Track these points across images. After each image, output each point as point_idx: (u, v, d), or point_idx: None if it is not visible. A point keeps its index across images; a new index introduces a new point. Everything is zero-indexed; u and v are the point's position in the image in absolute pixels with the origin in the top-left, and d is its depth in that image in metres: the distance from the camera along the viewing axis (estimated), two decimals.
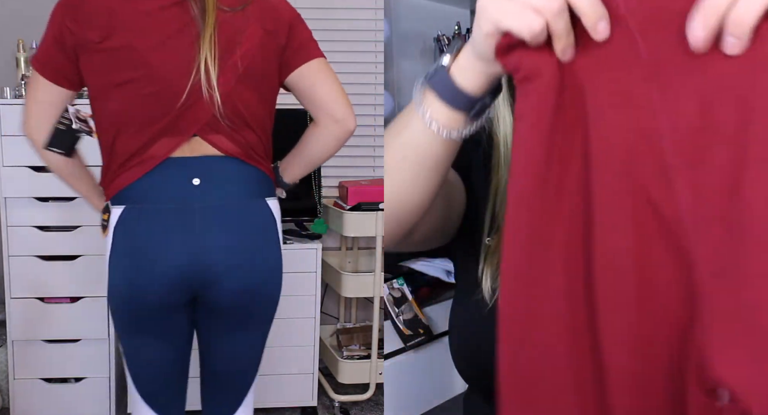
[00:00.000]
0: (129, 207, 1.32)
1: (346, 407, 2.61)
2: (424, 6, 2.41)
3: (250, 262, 1.36)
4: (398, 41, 2.34)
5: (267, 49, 1.34)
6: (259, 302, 1.41)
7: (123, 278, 1.34)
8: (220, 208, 1.32)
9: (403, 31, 2.35)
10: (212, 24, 1.28)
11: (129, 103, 1.30)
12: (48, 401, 2.36)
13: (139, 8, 1.28)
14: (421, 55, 2.43)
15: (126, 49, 1.27)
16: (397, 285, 2.13)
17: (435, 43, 2.36)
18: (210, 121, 1.31)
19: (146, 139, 1.30)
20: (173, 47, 1.28)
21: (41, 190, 2.26)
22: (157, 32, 1.28)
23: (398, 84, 2.39)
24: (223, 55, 1.29)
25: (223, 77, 1.29)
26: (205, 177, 1.32)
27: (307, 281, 2.44)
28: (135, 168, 1.31)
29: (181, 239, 1.30)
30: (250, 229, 1.36)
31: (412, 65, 2.40)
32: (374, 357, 2.50)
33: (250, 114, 1.35)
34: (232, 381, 1.50)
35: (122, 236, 1.33)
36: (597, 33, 0.60)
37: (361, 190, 2.45)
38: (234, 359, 1.47)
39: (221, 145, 1.33)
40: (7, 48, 2.55)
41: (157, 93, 1.29)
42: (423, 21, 2.39)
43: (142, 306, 1.34)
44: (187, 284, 1.33)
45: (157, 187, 1.31)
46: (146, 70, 1.27)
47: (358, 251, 2.84)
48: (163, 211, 1.31)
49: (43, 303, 2.32)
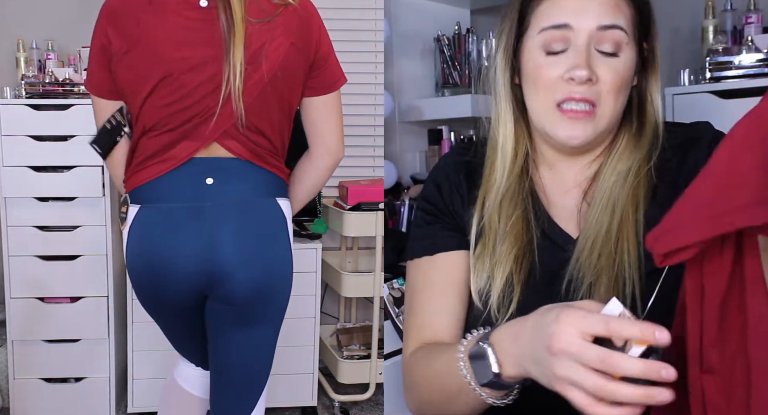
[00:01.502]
0: (144, 206, 1.37)
1: (346, 407, 2.61)
2: (424, 6, 2.41)
3: (261, 257, 1.38)
4: (398, 41, 2.34)
5: (292, 62, 1.36)
6: (269, 297, 1.42)
7: (140, 276, 1.40)
8: (231, 206, 1.36)
9: (403, 31, 2.35)
10: (241, 36, 1.29)
11: (155, 110, 1.33)
12: (48, 401, 2.36)
13: (169, 19, 1.31)
14: (421, 55, 2.43)
15: (152, 58, 1.30)
16: (397, 285, 2.13)
17: (435, 43, 2.36)
18: (229, 129, 1.35)
19: (168, 142, 1.35)
20: (199, 56, 1.30)
21: (41, 190, 2.26)
22: (184, 40, 1.31)
23: (398, 84, 2.38)
24: (249, 67, 1.31)
25: (247, 89, 1.32)
26: (217, 176, 1.36)
27: (307, 281, 2.44)
28: (154, 167, 1.36)
29: (193, 237, 1.34)
30: (261, 226, 1.38)
31: (412, 65, 2.40)
32: (374, 357, 2.50)
33: (268, 123, 1.38)
34: (243, 381, 1.50)
35: (138, 235, 1.37)
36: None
37: (361, 190, 2.45)
38: (244, 356, 1.47)
39: (234, 150, 1.36)
40: (7, 48, 2.55)
41: (182, 102, 1.32)
42: (423, 21, 2.39)
43: (161, 301, 1.42)
44: (195, 281, 1.37)
45: (172, 186, 1.35)
46: (172, 79, 1.31)
47: (358, 251, 2.84)
48: (176, 209, 1.35)
49: (43, 303, 2.32)
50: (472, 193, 1.06)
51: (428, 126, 2.42)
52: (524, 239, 0.99)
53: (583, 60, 0.92)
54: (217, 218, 1.34)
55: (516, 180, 1.02)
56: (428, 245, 1.08)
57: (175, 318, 1.49)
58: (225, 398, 1.52)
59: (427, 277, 1.07)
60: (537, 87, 0.96)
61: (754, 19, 2.00)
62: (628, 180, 0.96)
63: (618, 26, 0.93)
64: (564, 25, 0.93)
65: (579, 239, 0.97)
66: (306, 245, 2.45)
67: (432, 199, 1.10)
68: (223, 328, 1.45)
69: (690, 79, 1.97)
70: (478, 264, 1.01)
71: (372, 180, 2.64)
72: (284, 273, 1.43)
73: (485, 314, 0.99)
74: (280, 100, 1.37)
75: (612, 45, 0.93)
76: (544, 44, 0.95)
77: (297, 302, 2.42)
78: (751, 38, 1.91)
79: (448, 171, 1.11)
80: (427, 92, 2.43)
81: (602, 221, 0.95)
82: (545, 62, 0.95)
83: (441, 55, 2.34)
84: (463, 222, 1.06)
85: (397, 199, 2.30)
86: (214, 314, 1.44)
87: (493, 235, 1.01)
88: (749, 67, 1.87)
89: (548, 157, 1.04)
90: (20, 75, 2.40)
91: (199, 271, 1.35)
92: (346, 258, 2.82)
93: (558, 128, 0.95)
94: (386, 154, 2.36)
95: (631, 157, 0.98)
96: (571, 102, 0.93)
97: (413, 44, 2.40)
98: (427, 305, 1.06)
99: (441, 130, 2.37)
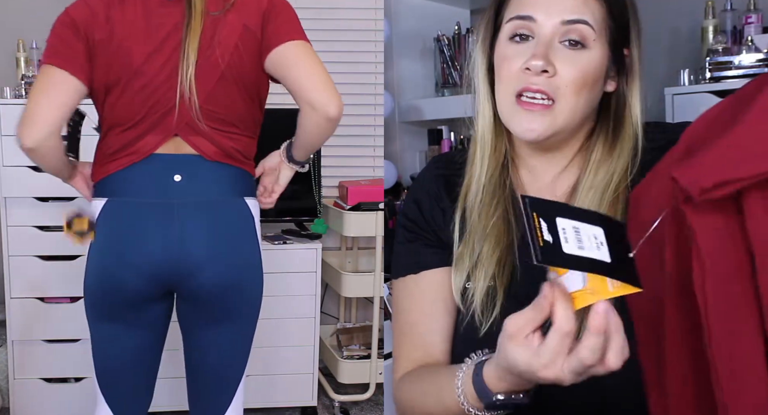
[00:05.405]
0: (111, 200, 1.37)
1: (346, 407, 2.61)
2: (424, 6, 2.41)
3: (226, 255, 1.38)
4: (398, 41, 2.34)
5: (247, 44, 1.36)
6: (236, 295, 1.42)
7: (100, 267, 1.37)
8: (198, 204, 1.37)
9: (403, 31, 2.35)
10: (198, 28, 1.31)
11: (120, 102, 1.35)
12: (48, 401, 2.36)
13: (137, 11, 1.33)
14: (421, 55, 2.43)
15: (119, 50, 1.32)
16: None
17: (435, 43, 2.36)
18: (191, 122, 1.35)
19: (133, 136, 1.36)
20: (161, 51, 1.33)
21: (41, 190, 2.26)
22: (148, 36, 1.33)
23: (398, 84, 2.39)
24: (204, 57, 1.33)
25: (202, 78, 1.33)
26: (186, 174, 1.37)
27: (307, 281, 2.44)
28: (120, 160, 1.37)
29: (158, 232, 1.34)
30: (227, 224, 1.39)
31: (412, 65, 2.40)
32: (374, 357, 2.50)
33: (231, 113, 1.38)
34: (216, 378, 1.50)
35: (102, 227, 1.37)
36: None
37: (361, 190, 2.45)
38: (214, 352, 1.47)
39: (201, 147, 1.37)
40: (7, 48, 2.55)
41: (144, 94, 1.33)
42: (423, 21, 2.39)
43: (117, 295, 1.37)
44: (162, 276, 1.37)
45: (139, 181, 1.36)
46: (135, 72, 1.32)
47: (358, 251, 2.84)
48: (143, 204, 1.35)
49: (43, 303, 2.32)
50: (454, 205, 1.05)
51: (428, 126, 2.42)
52: (505, 241, 0.99)
53: (541, 51, 0.91)
54: (184, 216, 1.35)
55: (497, 175, 1.02)
56: (411, 263, 1.07)
57: (124, 318, 1.40)
58: (199, 396, 1.53)
59: (413, 296, 1.06)
60: (500, 78, 0.97)
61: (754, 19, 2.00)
62: (605, 196, 0.95)
63: (583, 21, 0.92)
64: (528, 16, 0.93)
65: None
66: (306, 245, 2.45)
67: (412, 216, 1.09)
68: (195, 328, 1.46)
69: (690, 79, 1.97)
70: (460, 262, 1.01)
71: (372, 180, 2.64)
72: (251, 270, 1.44)
73: (468, 318, 0.99)
74: (242, 87, 1.37)
75: (577, 36, 0.92)
76: (510, 32, 0.95)
77: (297, 302, 2.43)
78: (751, 38, 1.91)
79: (428, 186, 1.10)
80: (427, 92, 2.43)
81: None
82: (510, 53, 0.95)
83: (441, 55, 2.34)
84: (445, 237, 1.05)
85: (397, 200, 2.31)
86: (185, 314, 1.46)
87: (473, 232, 1.00)
88: (749, 67, 1.87)
89: (523, 155, 1.04)
90: (20, 75, 2.40)
91: (164, 266, 1.35)
92: (346, 258, 2.82)
93: (515, 120, 0.95)
94: (386, 154, 2.36)
95: (609, 168, 0.97)
96: (528, 92, 0.92)
97: (413, 44, 2.40)
98: (416, 326, 1.05)
99: (441, 130, 2.38)
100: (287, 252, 2.43)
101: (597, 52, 0.93)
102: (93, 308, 1.43)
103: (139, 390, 1.51)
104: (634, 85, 0.99)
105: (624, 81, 0.99)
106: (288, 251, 2.44)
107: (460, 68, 2.29)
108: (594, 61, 0.93)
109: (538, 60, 0.90)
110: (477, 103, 1.05)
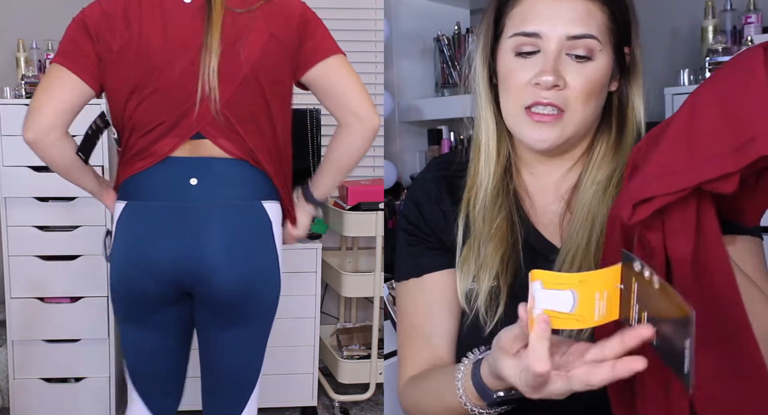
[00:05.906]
0: (129, 204, 1.38)
1: (346, 407, 2.61)
2: (424, 6, 2.41)
3: (241, 259, 1.38)
4: (398, 41, 2.34)
5: (273, 52, 1.36)
6: (252, 299, 1.42)
7: (120, 270, 1.39)
8: (214, 208, 1.36)
9: (403, 31, 2.36)
10: (218, 27, 1.31)
11: (141, 107, 1.34)
12: (48, 401, 2.36)
13: (155, 12, 1.33)
14: (421, 55, 2.43)
15: (138, 56, 1.32)
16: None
17: (435, 43, 2.36)
18: (212, 122, 1.35)
19: (152, 138, 1.35)
20: (182, 50, 1.32)
21: (41, 190, 2.26)
22: (168, 36, 1.32)
23: (398, 84, 2.39)
24: (227, 58, 1.32)
25: (225, 80, 1.32)
26: (202, 177, 1.36)
27: (307, 281, 2.44)
28: (137, 164, 1.37)
29: (173, 236, 1.34)
30: (243, 229, 1.38)
31: (412, 65, 2.41)
32: (374, 357, 2.50)
33: (255, 116, 1.37)
34: (231, 381, 1.50)
35: (122, 231, 1.38)
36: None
37: (361, 190, 2.45)
38: (230, 356, 1.47)
39: (224, 147, 1.37)
40: (7, 48, 2.56)
41: (163, 95, 1.33)
42: (423, 21, 2.40)
43: (135, 297, 1.39)
44: (177, 280, 1.37)
45: (155, 184, 1.36)
46: (155, 74, 1.32)
47: (358, 251, 2.84)
48: (158, 208, 1.35)
49: (43, 303, 2.32)
50: (455, 207, 1.05)
51: (428, 126, 2.42)
52: (509, 241, 0.99)
53: (550, 66, 0.91)
54: (199, 220, 1.35)
55: (500, 181, 1.02)
56: (414, 266, 1.07)
57: (147, 321, 1.42)
58: (215, 398, 1.53)
59: (416, 300, 1.07)
60: (508, 90, 0.97)
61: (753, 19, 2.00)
62: (607, 191, 0.96)
63: (588, 35, 0.92)
64: (533, 33, 0.93)
65: (560, 252, 0.97)
66: (306, 245, 2.45)
67: (413, 219, 1.09)
68: (210, 330, 1.45)
69: (690, 79, 1.97)
70: (464, 267, 1.01)
71: (372, 180, 2.64)
72: (268, 274, 1.43)
73: (471, 316, 1.00)
74: (267, 92, 1.37)
75: (584, 50, 0.92)
76: (515, 48, 0.95)
77: (297, 302, 2.43)
78: (750, 38, 1.91)
79: (429, 187, 1.10)
80: (427, 92, 2.43)
81: (582, 233, 0.95)
82: (516, 66, 0.95)
83: (441, 55, 2.34)
84: (447, 239, 1.05)
85: (397, 199, 2.31)
86: (201, 316, 1.45)
87: (478, 236, 1.01)
88: None
89: (527, 159, 1.04)
90: (20, 75, 2.40)
91: (180, 270, 1.35)
92: (346, 258, 2.82)
93: (525, 131, 0.95)
94: (386, 154, 2.36)
95: (611, 165, 0.98)
96: (538, 106, 0.93)
97: (413, 44, 2.41)
98: (421, 328, 1.05)
99: (441, 130, 2.38)
100: (287, 252, 2.39)
101: (603, 60, 0.94)
102: (117, 309, 1.46)
103: (167, 388, 1.52)
104: (635, 82, 0.99)
105: (626, 79, 1.00)
106: (288, 250, 2.40)
107: (460, 68, 2.29)
108: (600, 70, 0.94)
109: (549, 75, 0.91)
110: (478, 108, 1.05)
